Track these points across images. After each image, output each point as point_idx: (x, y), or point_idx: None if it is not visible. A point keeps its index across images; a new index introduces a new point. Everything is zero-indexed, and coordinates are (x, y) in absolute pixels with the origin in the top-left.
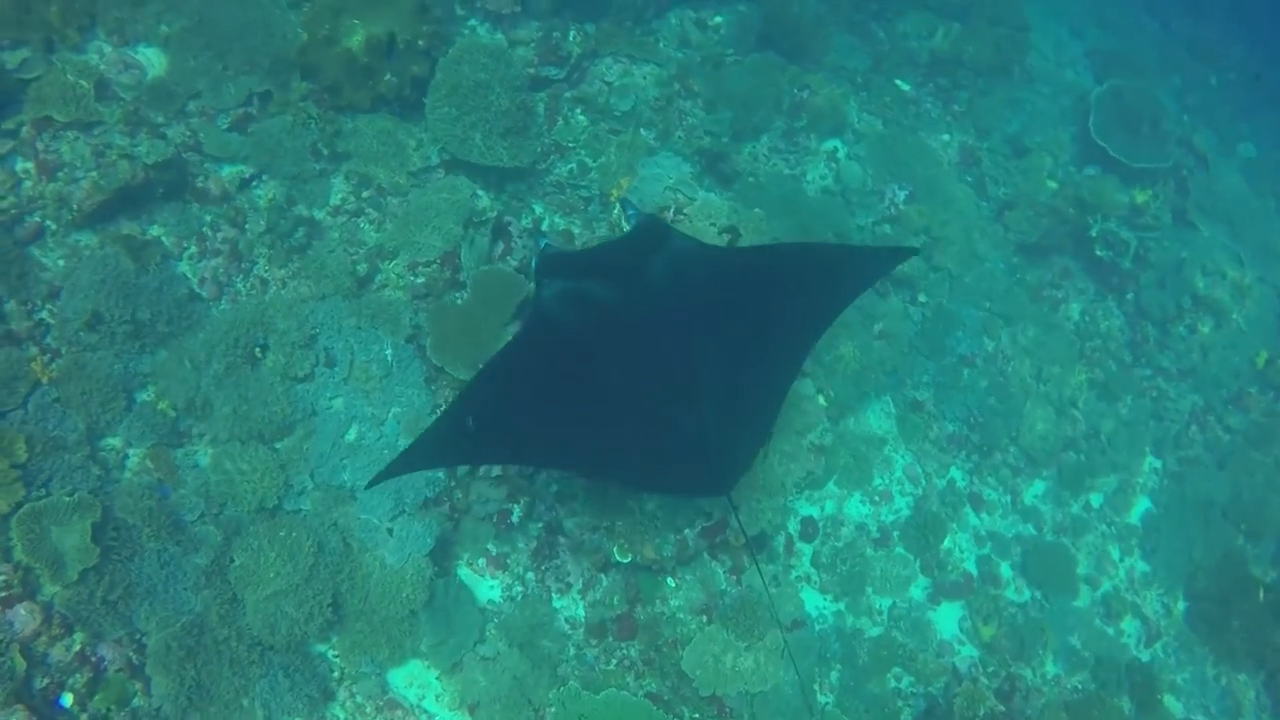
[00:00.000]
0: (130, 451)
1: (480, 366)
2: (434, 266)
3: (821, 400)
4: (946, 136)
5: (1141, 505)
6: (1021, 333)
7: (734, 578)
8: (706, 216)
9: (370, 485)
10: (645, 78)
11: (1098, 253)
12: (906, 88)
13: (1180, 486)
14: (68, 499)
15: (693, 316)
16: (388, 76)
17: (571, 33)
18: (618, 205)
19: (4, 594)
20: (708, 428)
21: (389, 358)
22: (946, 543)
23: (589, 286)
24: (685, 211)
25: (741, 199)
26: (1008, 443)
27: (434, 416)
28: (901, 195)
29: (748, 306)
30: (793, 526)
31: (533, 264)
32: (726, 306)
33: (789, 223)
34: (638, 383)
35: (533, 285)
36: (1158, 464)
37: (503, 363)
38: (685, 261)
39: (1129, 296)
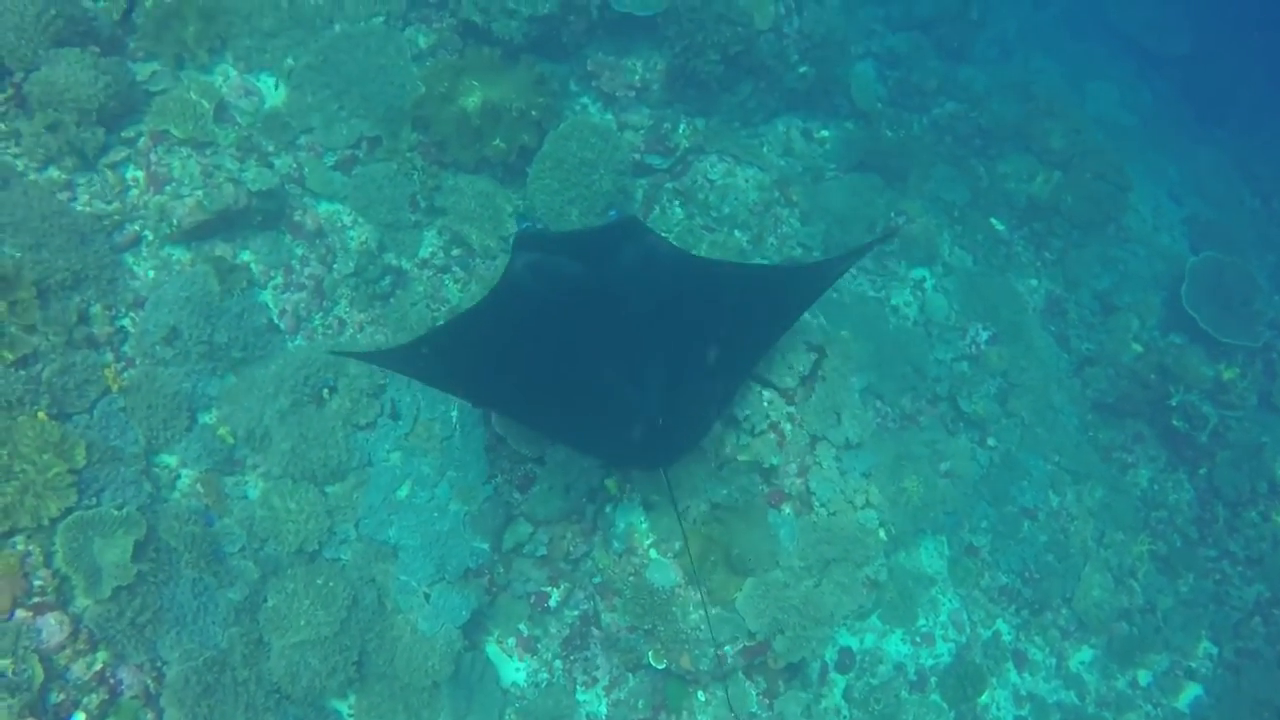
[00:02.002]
0: (183, 472)
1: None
2: None
3: (883, 534)
4: (1035, 282)
5: (1192, 691)
6: (1088, 492)
7: (766, 701)
8: (792, 330)
9: (342, 353)
10: (747, 181)
11: (1174, 423)
12: (1001, 228)
13: (1236, 678)
14: (116, 513)
15: (652, 303)
16: (496, 141)
17: (682, 125)
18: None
19: (37, 599)
20: (650, 404)
21: (454, 419)
22: (984, 697)
23: (558, 260)
24: None
25: (823, 312)
26: (1060, 604)
27: (488, 486)
28: (984, 335)
29: (706, 304)
30: (829, 655)
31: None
32: (686, 300)
33: (867, 346)
34: (589, 352)
35: None
36: (1214, 651)
37: (469, 314)
38: (654, 255)
39: (1202, 472)
